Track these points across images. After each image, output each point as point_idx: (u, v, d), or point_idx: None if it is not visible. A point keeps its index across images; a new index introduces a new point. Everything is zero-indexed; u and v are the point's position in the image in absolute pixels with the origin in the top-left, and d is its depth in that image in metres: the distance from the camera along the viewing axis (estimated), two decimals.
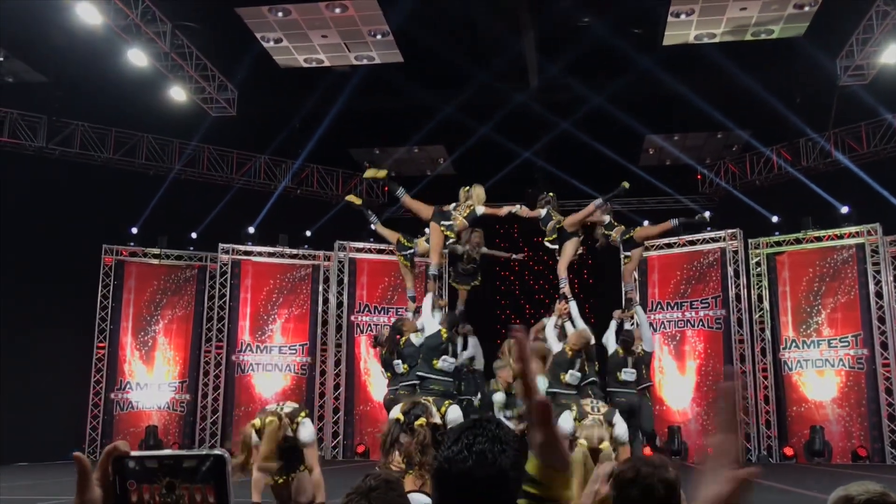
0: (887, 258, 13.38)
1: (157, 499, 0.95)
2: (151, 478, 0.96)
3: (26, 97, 14.08)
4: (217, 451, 0.96)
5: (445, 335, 8.25)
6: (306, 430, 5.95)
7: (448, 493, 1.43)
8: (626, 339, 9.34)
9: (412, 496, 4.18)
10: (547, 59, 13.33)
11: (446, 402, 5.17)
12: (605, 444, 5.72)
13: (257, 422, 5.90)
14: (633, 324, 10.17)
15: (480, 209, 9.33)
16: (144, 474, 0.96)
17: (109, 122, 14.74)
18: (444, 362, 8.02)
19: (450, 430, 1.50)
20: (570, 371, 8.16)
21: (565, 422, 6.01)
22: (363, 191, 17.36)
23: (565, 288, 9.32)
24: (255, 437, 5.84)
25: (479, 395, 9.58)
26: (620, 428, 6.10)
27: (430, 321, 8.47)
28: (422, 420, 4.74)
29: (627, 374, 9.02)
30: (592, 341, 8.80)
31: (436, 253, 9.29)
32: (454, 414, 4.99)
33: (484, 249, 9.88)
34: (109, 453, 0.97)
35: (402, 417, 4.83)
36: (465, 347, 9.31)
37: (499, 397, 9.00)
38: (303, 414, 6.02)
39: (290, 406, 6.21)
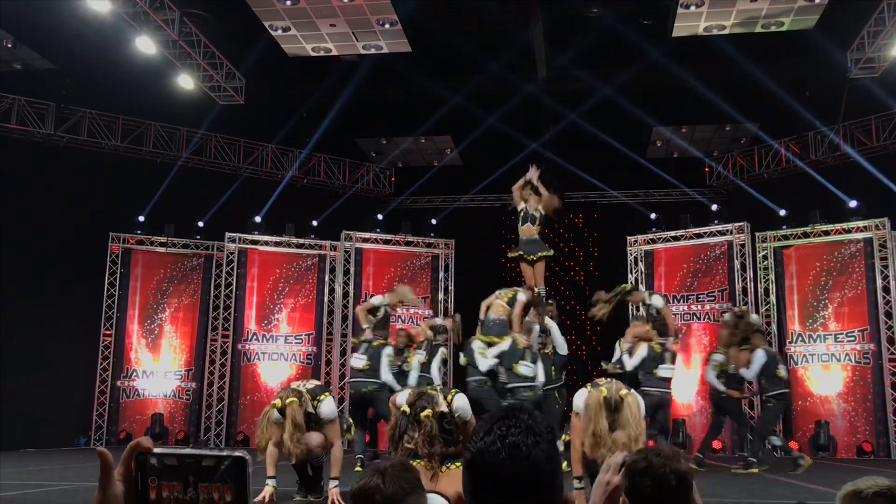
0: (895, 253, 13.32)
1: (176, 496, 0.97)
2: (171, 475, 0.97)
3: (34, 84, 14.09)
4: (238, 453, 0.97)
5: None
6: (328, 407, 6.14)
7: (480, 485, 1.42)
8: (655, 318, 9.40)
9: (431, 497, 4.20)
10: (555, 50, 13.29)
11: (452, 389, 5.19)
12: (625, 392, 5.72)
13: (278, 401, 6.02)
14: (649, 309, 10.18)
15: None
16: (165, 471, 0.97)
17: (117, 109, 14.75)
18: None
19: (482, 420, 1.48)
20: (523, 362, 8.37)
21: (579, 398, 5.95)
22: (370, 181, 17.37)
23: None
24: (276, 415, 5.95)
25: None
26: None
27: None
28: (428, 411, 4.75)
29: (665, 371, 9.11)
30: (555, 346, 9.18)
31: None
32: (460, 402, 5.02)
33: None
34: (133, 449, 0.99)
35: (408, 410, 4.84)
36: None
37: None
38: (326, 394, 6.22)
39: (312, 383, 6.36)
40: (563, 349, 9.45)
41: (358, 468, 8.76)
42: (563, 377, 9.73)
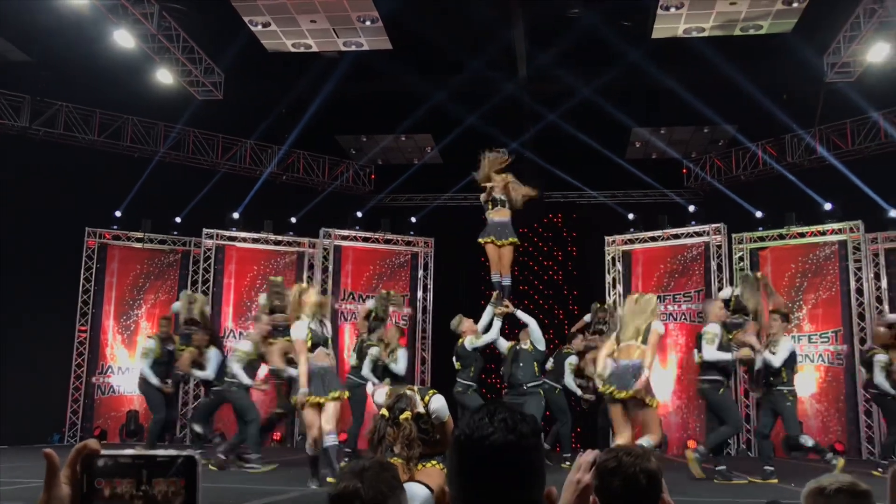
0: (868, 255, 13.49)
1: (130, 491, 0.98)
2: (124, 472, 0.98)
3: (9, 76, 13.92)
4: (188, 452, 1.00)
5: None
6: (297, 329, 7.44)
7: (468, 459, 1.53)
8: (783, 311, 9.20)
9: (409, 486, 4.22)
10: (536, 50, 13.32)
11: (430, 390, 5.19)
12: None
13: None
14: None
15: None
16: (117, 469, 0.98)
17: (94, 103, 14.60)
18: None
19: (469, 409, 1.64)
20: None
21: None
22: (350, 178, 17.33)
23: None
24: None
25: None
26: None
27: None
28: (407, 414, 4.76)
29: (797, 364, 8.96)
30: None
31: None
32: (438, 403, 5.03)
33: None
34: (79, 451, 0.99)
35: (387, 413, 4.85)
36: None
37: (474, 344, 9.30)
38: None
39: None
40: (541, 345, 9.44)
41: None
42: (542, 376, 9.72)
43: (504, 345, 9.55)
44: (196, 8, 13.11)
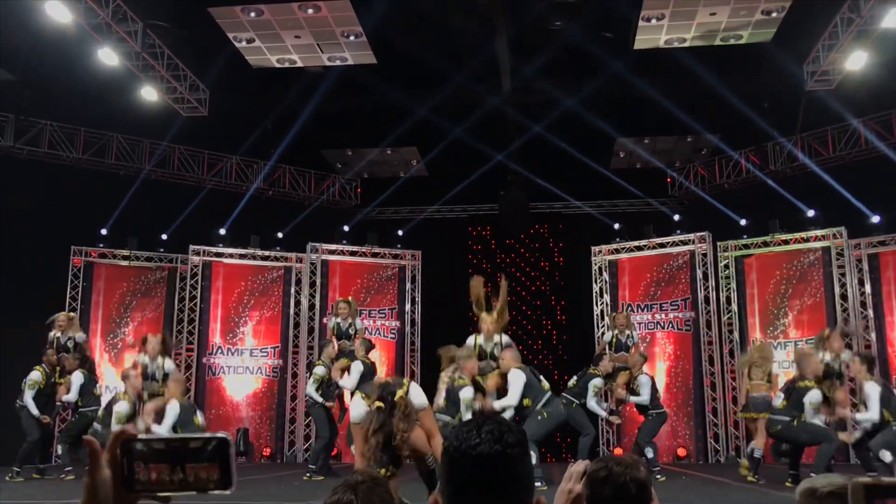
0: (852, 261, 13.61)
1: (165, 476, 1.03)
2: (158, 457, 1.04)
3: None
4: (221, 434, 1.04)
5: None
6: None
7: (457, 469, 1.62)
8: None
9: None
10: (520, 62, 13.42)
11: (404, 380, 5.31)
12: None
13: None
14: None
15: None
16: (152, 454, 1.04)
17: (79, 121, 14.56)
18: None
19: (458, 424, 1.71)
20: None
21: None
22: (336, 192, 17.35)
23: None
24: None
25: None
26: None
27: None
28: (399, 392, 4.96)
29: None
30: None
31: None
32: (415, 390, 5.23)
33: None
34: (118, 436, 1.06)
35: (381, 404, 4.98)
36: None
37: (467, 393, 8.11)
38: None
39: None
40: (512, 398, 8.74)
41: None
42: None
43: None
44: (180, 25, 13.14)
